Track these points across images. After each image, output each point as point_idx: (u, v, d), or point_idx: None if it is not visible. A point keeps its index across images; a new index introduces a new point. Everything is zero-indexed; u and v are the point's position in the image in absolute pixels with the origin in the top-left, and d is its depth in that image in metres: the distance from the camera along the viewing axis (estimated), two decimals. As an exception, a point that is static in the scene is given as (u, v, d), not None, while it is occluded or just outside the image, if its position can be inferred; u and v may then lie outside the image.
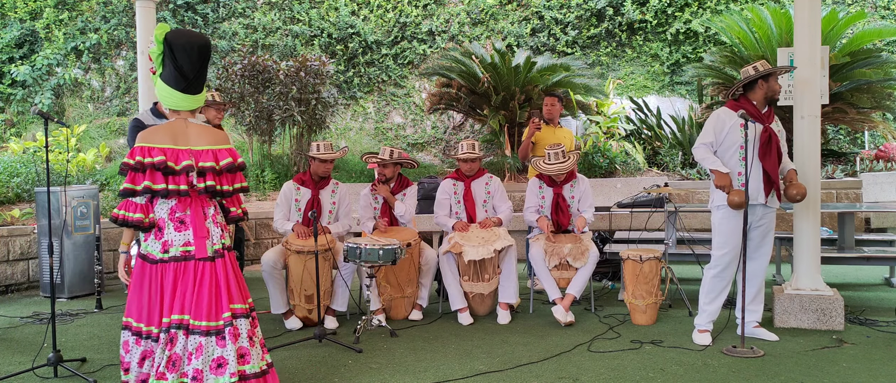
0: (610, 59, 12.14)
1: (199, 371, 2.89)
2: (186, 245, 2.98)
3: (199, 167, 3.00)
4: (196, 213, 3.00)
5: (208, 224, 3.04)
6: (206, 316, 2.93)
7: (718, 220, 4.44)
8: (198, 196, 3.02)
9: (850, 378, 3.73)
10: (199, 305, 2.93)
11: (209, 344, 2.93)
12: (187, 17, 11.96)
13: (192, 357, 2.91)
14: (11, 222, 6.92)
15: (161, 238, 2.98)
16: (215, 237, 3.05)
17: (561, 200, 5.35)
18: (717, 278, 4.47)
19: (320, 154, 5.16)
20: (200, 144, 3.04)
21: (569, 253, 5.07)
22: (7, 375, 3.91)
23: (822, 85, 5.00)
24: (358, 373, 3.91)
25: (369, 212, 5.51)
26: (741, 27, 9.46)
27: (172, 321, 2.92)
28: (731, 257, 4.42)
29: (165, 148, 2.97)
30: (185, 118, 3.10)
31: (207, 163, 3.01)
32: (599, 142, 9.75)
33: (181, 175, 2.96)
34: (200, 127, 3.12)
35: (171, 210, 2.99)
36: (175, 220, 2.98)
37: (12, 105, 11.08)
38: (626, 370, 3.91)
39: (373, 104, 12.22)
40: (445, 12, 12.54)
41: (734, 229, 4.36)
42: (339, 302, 5.10)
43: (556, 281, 5.12)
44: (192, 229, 2.98)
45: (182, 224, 2.99)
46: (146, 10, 6.53)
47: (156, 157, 2.92)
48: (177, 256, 2.96)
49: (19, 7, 11.60)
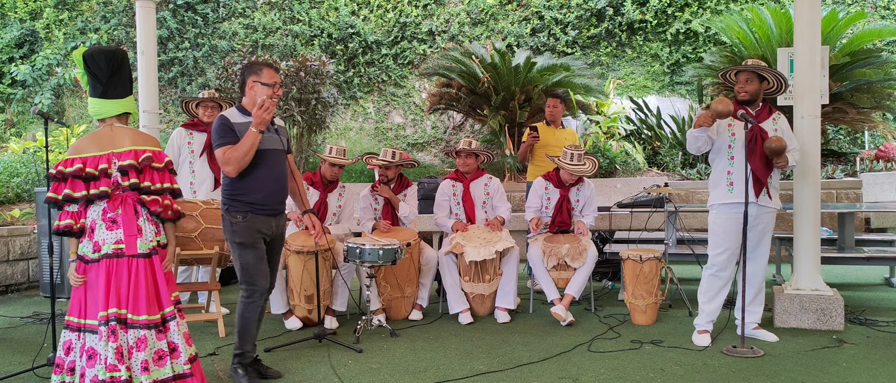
0: (610, 59, 12.13)
1: (146, 361, 3.07)
2: (118, 242, 3.12)
3: (119, 166, 3.16)
4: (127, 213, 3.15)
5: (141, 222, 3.18)
6: (146, 310, 3.09)
7: (712, 220, 4.48)
8: (128, 196, 3.17)
9: (850, 378, 3.73)
10: (137, 300, 3.09)
11: (151, 338, 3.10)
12: (187, 16, 11.96)
13: (134, 350, 3.06)
14: (11, 222, 6.92)
15: (93, 238, 3.13)
16: (149, 235, 3.19)
17: (566, 203, 5.34)
18: (713, 278, 4.48)
19: (331, 157, 5.19)
20: (123, 146, 3.20)
21: (567, 253, 5.07)
22: (7, 375, 3.91)
23: (822, 85, 5.00)
24: (358, 373, 3.92)
25: (369, 213, 5.51)
26: (741, 27, 9.46)
27: (109, 315, 3.05)
28: (726, 257, 4.42)
29: (86, 156, 3.14)
30: (111, 124, 3.27)
31: (126, 161, 3.16)
32: (599, 142, 9.75)
33: (101, 178, 3.12)
34: (128, 130, 3.28)
35: (103, 211, 3.14)
36: (107, 220, 3.13)
37: (12, 105, 11.07)
38: (626, 370, 3.91)
39: (373, 104, 12.22)
40: (445, 12, 12.54)
41: (728, 229, 4.39)
42: (339, 302, 5.11)
43: (555, 281, 5.12)
44: (122, 228, 3.13)
45: (114, 223, 3.13)
46: (146, 10, 6.53)
47: (74, 166, 3.10)
48: (109, 253, 3.10)
49: (19, 7, 11.60)
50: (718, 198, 4.44)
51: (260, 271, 3.71)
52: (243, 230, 3.67)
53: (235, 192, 3.69)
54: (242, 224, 3.67)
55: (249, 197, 3.67)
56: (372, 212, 5.52)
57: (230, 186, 3.70)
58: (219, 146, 3.63)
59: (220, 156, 3.62)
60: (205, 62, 11.93)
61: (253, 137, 3.58)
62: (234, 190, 3.69)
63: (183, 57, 11.77)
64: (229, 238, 3.73)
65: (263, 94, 3.64)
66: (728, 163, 4.40)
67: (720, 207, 4.43)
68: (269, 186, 3.72)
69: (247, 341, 3.77)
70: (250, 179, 3.67)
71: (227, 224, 3.72)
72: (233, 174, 3.62)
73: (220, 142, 3.63)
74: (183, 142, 5.52)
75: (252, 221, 3.68)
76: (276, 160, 3.77)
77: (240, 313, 3.75)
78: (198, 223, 4.74)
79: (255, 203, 3.68)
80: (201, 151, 5.51)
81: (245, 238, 3.67)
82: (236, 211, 3.68)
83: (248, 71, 3.74)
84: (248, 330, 3.75)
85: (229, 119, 3.67)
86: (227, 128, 3.63)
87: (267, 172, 3.71)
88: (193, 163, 5.51)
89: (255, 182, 3.68)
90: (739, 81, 4.39)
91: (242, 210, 3.67)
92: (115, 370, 3.01)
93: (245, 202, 3.68)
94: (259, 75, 3.69)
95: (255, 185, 3.68)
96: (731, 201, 4.36)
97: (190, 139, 5.52)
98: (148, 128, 6.39)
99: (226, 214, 3.72)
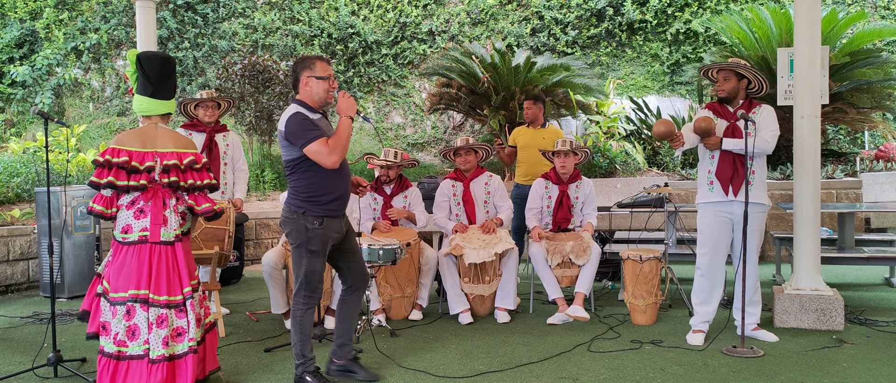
0: (610, 59, 12.14)
1: (166, 337, 3.41)
2: (143, 230, 3.45)
3: (163, 165, 3.50)
4: (156, 205, 3.48)
5: (167, 213, 3.50)
6: (166, 291, 3.44)
7: (698, 220, 4.55)
8: (160, 190, 3.50)
9: (850, 378, 3.73)
10: (159, 282, 3.43)
11: (170, 316, 3.43)
12: (187, 16, 11.96)
13: (154, 326, 3.40)
14: (11, 222, 6.92)
15: (122, 224, 3.48)
16: (174, 224, 3.51)
17: (566, 199, 5.37)
18: (702, 279, 4.52)
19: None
20: (167, 147, 3.55)
21: (571, 250, 5.08)
22: (7, 375, 3.91)
23: (822, 85, 5.00)
24: (358, 373, 3.92)
25: (369, 213, 5.51)
26: (741, 27, 9.46)
27: (129, 295, 3.39)
28: (711, 257, 4.46)
29: (132, 150, 3.47)
30: (155, 123, 3.63)
31: (171, 161, 3.52)
32: (599, 142, 9.75)
33: (143, 173, 3.46)
34: (170, 132, 3.64)
35: (133, 201, 3.48)
36: (136, 210, 3.47)
37: (12, 105, 11.07)
38: (626, 370, 3.91)
39: (373, 104, 12.22)
40: (445, 12, 12.54)
41: (712, 227, 4.44)
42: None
43: (559, 279, 5.13)
44: (150, 217, 3.46)
45: (142, 213, 3.46)
46: (146, 10, 6.53)
47: (121, 158, 3.42)
48: (135, 240, 3.44)
49: (19, 7, 11.60)
50: (701, 198, 4.53)
51: (322, 278, 3.63)
52: (318, 237, 3.53)
53: (312, 194, 3.53)
54: (318, 230, 3.52)
55: (328, 196, 3.54)
56: (371, 213, 5.51)
57: (306, 188, 3.53)
58: (309, 141, 3.43)
59: (319, 148, 3.42)
60: (205, 62, 11.93)
61: (347, 125, 3.48)
62: (311, 191, 3.53)
63: (183, 57, 11.77)
64: (301, 244, 3.54)
65: (320, 89, 3.56)
66: (709, 162, 4.47)
67: (704, 206, 4.50)
68: (345, 184, 3.63)
69: (308, 348, 3.64)
70: (329, 177, 3.54)
71: (301, 229, 3.53)
72: (337, 165, 3.46)
73: (310, 137, 3.43)
74: None
75: (327, 227, 3.55)
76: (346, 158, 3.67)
77: (298, 322, 3.59)
78: (198, 223, 4.74)
79: (331, 204, 3.56)
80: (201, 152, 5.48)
81: (319, 246, 3.54)
82: (313, 216, 3.52)
83: (299, 66, 3.59)
84: (308, 337, 3.63)
85: (307, 115, 3.52)
86: (309, 121, 3.49)
87: (343, 169, 3.61)
88: None
89: (334, 181, 3.56)
90: (718, 80, 4.47)
91: (319, 214, 3.53)
92: (124, 345, 3.39)
93: (322, 204, 3.54)
94: (312, 70, 3.56)
95: (334, 184, 3.56)
96: (712, 200, 4.43)
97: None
98: (148, 128, 6.38)
99: (299, 218, 3.53)
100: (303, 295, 3.59)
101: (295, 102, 3.61)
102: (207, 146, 5.47)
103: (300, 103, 3.59)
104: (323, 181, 3.54)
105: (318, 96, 3.58)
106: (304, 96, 3.60)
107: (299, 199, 3.55)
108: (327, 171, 3.51)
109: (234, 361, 4.19)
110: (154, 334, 3.39)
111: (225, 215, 4.85)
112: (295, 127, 3.47)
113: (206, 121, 5.51)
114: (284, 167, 3.60)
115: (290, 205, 3.59)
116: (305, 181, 3.54)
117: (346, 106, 3.52)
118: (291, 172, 3.57)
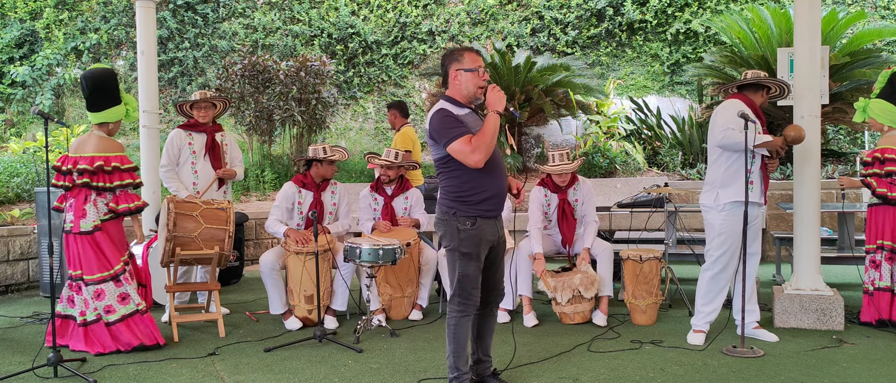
0: (610, 59, 12.13)
1: (109, 305, 4.33)
2: (70, 222, 4.33)
3: (78, 168, 4.27)
4: (78, 201, 4.31)
5: (87, 206, 4.31)
6: (98, 269, 4.31)
7: (721, 220, 4.36)
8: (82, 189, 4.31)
9: (850, 378, 3.73)
10: (89, 263, 4.31)
11: (108, 288, 4.32)
12: (187, 16, 11.96)
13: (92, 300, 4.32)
14: (11, 222, 6.92)
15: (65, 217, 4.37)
16: (92, 216, 4.31)
17: (567, 206, 5.27)
18: (715, 279, 4.45)
19: (328, 156, 5.17)
20: (93, 152, 4.31)
21: (580, 283, 4.98)
22: (7, 375, 3.91)
23: (822, 85, 5.00)
24: (358, 373, 3.92)
25: (369, 213, 5.51)
26: (741, 27, 9.46)
27: (72, 275, 4.37)
28: (729, 256, 4.41)
29: (65, 156, 4.35)
30: (92, 132, 4.43)
31: (83, 165, 4.28)
32: (599, 142, 9.75)
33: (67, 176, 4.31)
34: (99, 138, 4.38)
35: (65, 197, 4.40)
36: (67, 206, 4.36)
37: (12, 105, 11.07)
38: (626, 370, 3.91)
39: (373, 104, 12.22)
40: (445, 12, 12.54)
41: (735, 229, 4.34)
42: (339, 302, 5.10)
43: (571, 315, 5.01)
44: (73, 212, 4.31)
45: (71, 208, 4.33)
46: (146, 10, 6.52)
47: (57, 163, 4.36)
48: (68, 230, 4.35)
49: (19, 7, 11.60)
50: (735, 196, 4.30)
51: (477, 284, 3.38)
52: (471, 239, 3.33)
53: (463, 194, 3.34)
54: (471, 232, 3.33)
55: (480, 196, 3.34)
56: (371, 213, 5.51)
57: (456, 188, 3.35)
58: (453, 139, 3.25)
59: (462, 147, 3.23)
60: (205, 62, 11.93)
61: (495, 120, 3.25)
62: (461, 190, 3.34)
63: (183, 57, 11.77)
64: (453, 247, 3.35)
65: (469, 82, 3.36)
66: (751, 161, 4.26)
67: (735, 206, 4.30)
68: (498, 183, 3.40)
69: (462, 360, 3.39)
70: (480, 176, 3.33)
71: (453, 231, 3.34)
72: (480, 163, 3.24)
73: (453, 135, 3.25)
74: (183, 143, 5.44)
75: (481, 228, 3.34)
76: (498, 154, 3.43)
77: (452, 332, 3.37)
78: (198, 223, 4.74)
79: (483, 203, 3.35)
80: (203, 152, 5.47)
81: (472, 248, 3.33)
82: (464, 216, 3.33)
83: (448, 60, 3.42)
84: (463, 348, 3.38)
85: (451, 111, 3.34)
86: (454, 119, 3.30)
87: (495, 167, 3.38)
88: (196, 164, 5.44)
89: (485, 179, 3.34)
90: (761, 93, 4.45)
91: (471, 215, 3.33)
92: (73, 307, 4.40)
93: (473, 204, 3.33)
94: (461, 62, 3.37)
95: (486, 183, 3.35)
96: (752, 200, 4.29)
97: (190, 140, 5.45)
98: (148, 127, 6.38)
99: (450, 219, 3.35)
100: (456, 302, 3.37)
101: (442, 98, 3.44)
102: (209, 145, 5.47)
103: (447, 99, 3.41)
104: (473, 180, 3.33)
105: (468, 90, 3.38)
106: (452, 91, 3.41)
107: (450, 199, 3.37)
108: (477, 169, 3.30)
109: (235, 361, 4.20)
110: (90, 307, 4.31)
111: (225, 215, 4.85)
112: (437, 124, 3.31)
113: (202, 121, 5.48)
114: (434, 167, 3.45)
115: (441, 206, 3.42)
116: (455, 180, 3.35)
117: (494, 99, 3.29)
118: (440, 171, 3.41)
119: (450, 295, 3.41)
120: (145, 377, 3.91)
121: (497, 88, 3.29)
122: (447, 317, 3.41)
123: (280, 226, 5.14)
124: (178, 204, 4.73)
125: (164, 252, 4.70)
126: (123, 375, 3.93)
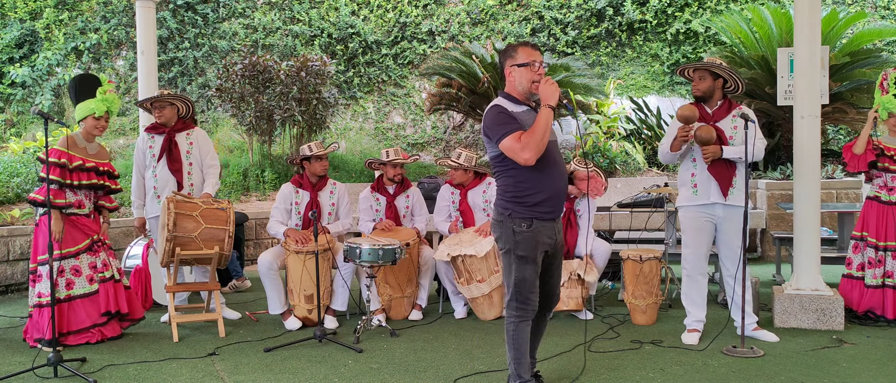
0: (610, 59, 12.14)
1: (90, 275, 4.67)
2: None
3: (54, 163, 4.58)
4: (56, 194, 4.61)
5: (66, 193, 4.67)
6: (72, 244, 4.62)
7: (680, 220, 4.56)
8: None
9: (850, 378, 3.73)
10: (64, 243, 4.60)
11: (83, 258, 4.65)
12: (187, 16, 11.96)
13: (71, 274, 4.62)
14: (11, 222, 6.91)
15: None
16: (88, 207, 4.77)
17: (571, 215, 5.25)
18: (688, 279, 4.54)
19: (316, 151, 5.16)
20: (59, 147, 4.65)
21: (577, 266, 5.01)
22: (7, 375, 3.91)
23: (822, 85, 5.00)
24: (358, 373, 3.92)
25: (370, 214, 5.51)
26: (741, 27, 9.46)
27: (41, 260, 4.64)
28: (694, 258, 4.47)
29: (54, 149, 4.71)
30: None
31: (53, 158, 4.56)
32: (599, 142, 9.75)
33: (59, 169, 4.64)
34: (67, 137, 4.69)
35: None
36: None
37: (12, 105, 11.08)
38: (626, 370, 3.91)
39: (373, 104, 12.22)
40: (445, 12, 12.54)
41: (694, 230, 4.45)
42: (339, 302, 5.10)
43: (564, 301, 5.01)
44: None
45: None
46: (146, 10, 6.52)
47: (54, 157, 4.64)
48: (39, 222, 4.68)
49: (19, 7, 11.60)
50: (684, 200, 4.50)
51: (535, 288, 3.26)
52: (527, 241, 3.20)
53: (519, 194, 3.22)
54: (527, 234, 3.20)
55: (536, 197, 3.20)
56: (372, 213, 5.51)
57: (512, 187, 3.24)
58: (504, 135, 3.14)
59: (511, 144, 3.12)
60: (205, 62, 11.93)
61: (547, 115, 3.11)
62: (516, 190, 3.22)
63: (183, 57, 11.77)
64: (509, 249, 3.24)
65: (523, 77, 3.24)
66: (691, 165, 4.45)
67: (686, 209, 4.49)
68: (556, 184, 3.24)
69: (524, 367, 3.29)
70: (537, 175, 3.20)
71: (508, 233, 3.22)
72: (532, 161, 3.11)
73: (505, 131, 3.14)
74: (145, 146, 5.21)
75: (537, 230, 3.22)
76: (558, 152, 3.31)
77: (511, 338, 3.27)
78: (197, 223, 4.74)
79: (540, 205, 3.21)
80: (159, 155, 5.17)
81: (528, 250, 3.21)
82: (520, 218, 3.20)
83: (503, 57, 3.31)
84: (524, 354, 3.29)
85: (505, 107, 3.24)
86: (506, 114, 3.20)
87: (553, 167, 3.24)
88: (156, 168, 5.17)
89: (541, 179, 3.21)
90: (694, 79, 4.48)
91: (527, 216, 3.20)
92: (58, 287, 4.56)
93: (530, 205, 3.20)
94: (514, 58, 3.25)
95: (542, 184, 3.21)
96: (697, 203, 4.42)
97: (151, 143, 5.20)
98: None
99: (506, 221, 3.23)
100: (514, 307, 3.26)
101: (500, 94, 3.35)
102: (166, 147, 5.15)
103: (505, 95, 3.31)
104: (529, 180, 3.21)
105: (522, 86, 3.25)
106: (508, 88, 3.31)
107: (505, 200, 3.26)
108: (533, 169, 3.17)
109: (235, 361, 4.20)
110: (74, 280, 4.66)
111: (225, 215, 4.85)
112: (490, 121, 3.21)
113: (160, 121, 5.17)
114: (490, 166, 3.36)
115: (497, 207, 3.31)
116: (510, 180, 3.24)
117: (546, 93, 3.15)
118: (496, 170, 3.30)
119: (506, 299, 3.31)
120: (145, 377, 3.91)
121: (551, 81, 3.18)
122: (505, 323, 3.31)
123: (280, 227, 5.15)
124: (178, 204, 4.73)
125: (164, 252, 4.70)
126: (123, 375, 3.94)
